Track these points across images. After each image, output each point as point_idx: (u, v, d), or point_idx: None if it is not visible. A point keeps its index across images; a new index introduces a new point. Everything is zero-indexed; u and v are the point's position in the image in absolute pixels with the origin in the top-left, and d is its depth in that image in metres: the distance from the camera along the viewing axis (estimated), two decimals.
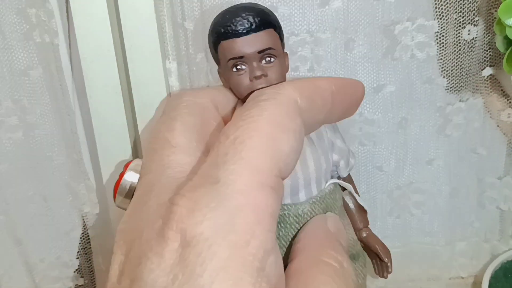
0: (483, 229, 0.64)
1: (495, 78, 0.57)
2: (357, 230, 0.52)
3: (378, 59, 0.55)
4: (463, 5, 0.53)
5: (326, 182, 0.48)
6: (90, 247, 0.60)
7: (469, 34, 0.54)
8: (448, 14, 0.54)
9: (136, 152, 0.56)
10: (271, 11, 0.46)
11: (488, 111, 0.59)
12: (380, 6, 0.53)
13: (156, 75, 0.52)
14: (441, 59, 0.56)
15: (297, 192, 0.46)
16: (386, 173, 0.60)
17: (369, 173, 0.60)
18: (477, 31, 0.54)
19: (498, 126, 0.59)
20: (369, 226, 0.54)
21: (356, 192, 0.52)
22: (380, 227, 0.63)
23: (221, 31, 0.44)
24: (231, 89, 0.46)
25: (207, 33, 0.51)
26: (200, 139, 0.37)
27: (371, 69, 0.56)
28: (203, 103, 0.42)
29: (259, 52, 0.43)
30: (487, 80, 0.57)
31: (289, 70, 0.48)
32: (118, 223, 0.56)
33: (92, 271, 0.62)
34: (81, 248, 0.61)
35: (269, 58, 0.44)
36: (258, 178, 0.30)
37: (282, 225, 0.45)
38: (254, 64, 0.44)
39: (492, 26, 0.54)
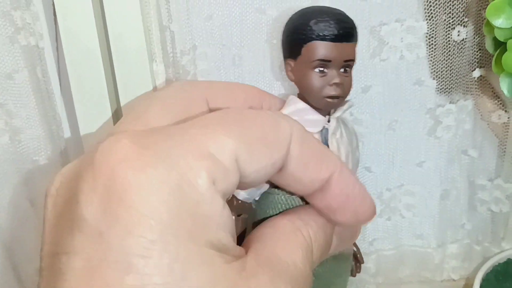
0: (474, 231, 0.63)
1: (486, 79, 0.57)
2: None
3: (366, 59, 0.55)
4: (453, 6, 0.53)
5: None
6: None
7: (458, 35, 0.54)
8: (437, 15, 0.53)
9: None
10: None
11: (479, 113, 0.58)
12: (367, 6, 0.53)
13: (142, 77, 0.52)
14: (431, 60, 0.56)
15: None
16: (375, 174, 0.60)
17: (358, 174, 0.60)
18: (466, 32, 0.54)
19: (488, 126, 0.59)
20: None
21: None
22: (371, 229, 0.63)
23: (319, 33, 0.45)
24: (297, 83, 0.47)
25: (195, 35, 0.51)
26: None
27: (358, 69, 0.55)
28: (191, 93, 0.39)
29: (345, 61, 0.46)
30: (478, 82, 0.56)
31: None
32: None
33: None
34: None
35: (348, 69, 0.47)
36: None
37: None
38: (335, 71, 0.46)
39: (482, 27, 0.53)
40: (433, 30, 0.54)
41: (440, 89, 0.57)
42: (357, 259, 0.56)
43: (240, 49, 0.54)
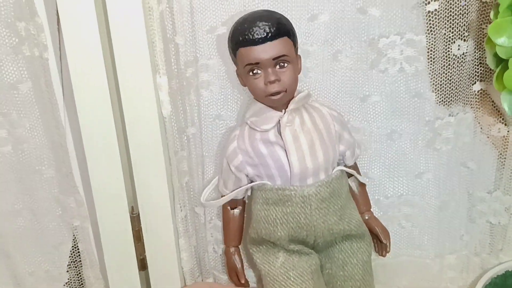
0: (473, 242, 0.64)
1: (486, 93, 0.57)
2: (360, 213, 0.57)
3: (364, 70, 0.56)
4: (453, 20, 0.53)
5: (333, 169, 0.53)
6: (80, 261, 0.60)
7: (459, 49, 0.55)
8: (437, 29, 0.54)
9: (126, 167, 0.56)
10: (286, 19, 0.49)
11: (479, 126, 0.59)
12: (366, 20, 0.53)
13: (146, 89, 0.52)
14: (431, 73, 0.56)
15: (306, 178, 0.51)
16: (372, 180, 0.61)
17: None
18: (467, 46, 0.54)
19: (488, 139, 0.60)
20: (371, 209, 0.59)
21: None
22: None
23: (239, 39, 0.48)
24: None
25: (198, 48, 0.52)
26: None
27: (356, 80, 0.56)
28: None
29: (274, 59, 0.48)
30: (478, 95, 0.57)
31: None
32: (108, 236, 0.57)
33: (82, 284, 0.61)
34: (71, 262, 0.60)
35: (283, 64, 0.49)
36: None
37: (289, 203, 0.52)
38: (269, 69, 0.48)
39: (483, 42, 0.54)
40: (433, 44, 0.55)
41: (440, 101, 0.57)
42: (379, 239, 0.58)
43: None
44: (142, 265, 0.59)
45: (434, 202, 0.61)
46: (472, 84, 0.56)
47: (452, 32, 0.54)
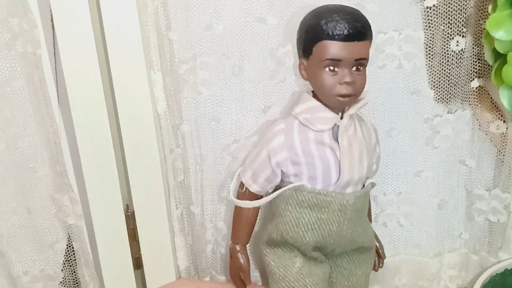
0: (472, 241, 0.63)
1: (484, 90, 0.57)
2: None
3: None
4: (452, 16, 0.53)
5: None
6: (75, 259, 0.60)
7: (457, 45, 0.54)
8: (436, 25, 0.53)
9: (121, 164, 0.55)
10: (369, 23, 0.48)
11: (478, 123, 0.58)
12: (364, 15, 0.53)
13: (140, 86, 0.52)
14: (429, 70, 0.55)
15: (348, 186, 0.50)
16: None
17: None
18: (465, 43, 0.54)
19: (487, 136, 0.59)
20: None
21: None
22: None
23: (327, 30, 0.45)
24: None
25: (195, 44, 0.51)
26: None
27: None
28: None
29: (356, 60, 0.46)
30: (476, 92, 0.56)
31: None
32: (103, 234, 0.56)
33: (77, 283, 0.61)
34: (66, 261, 0.60)
35: (361, 67, 0.47)
36: None
37: (326, 209, 0.50)
38: (346, 70, 0.47)
39: (481, 37, 0.53)
40: (431, 40, 0.54)
41: (438, 98, 0.57)
42: (379, 255, 0.58)
43: (240, 58, 0.54)
44: (138, 263, 0.59)
45: (433, 200, 0.61)
46: (471, 81, 0.56)
47: (451, 28, 0.53)
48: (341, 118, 0.49)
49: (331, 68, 0.46)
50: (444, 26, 0.53)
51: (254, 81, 0.55)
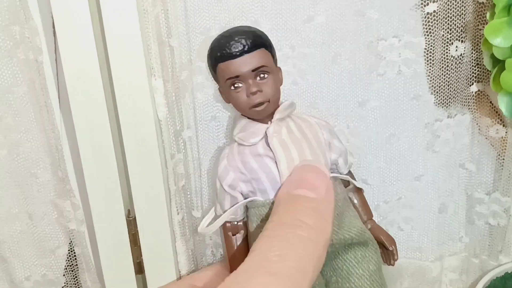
0: (472, 244, 0.64)
1: (484, 94, 0.57)
2: (362, 223, 0.55)
3: (362, 74, 0.55)
4: (451, 22, 0.53)
5: None
6: (76, 265, 0.60)
7: (456, 50, 0.54)
8: (435, 30, 0.54)
9: (122, 170, 0.55)
10: (262, 32, 0.50)
11: (477, 127, 0.59)
12: (364, 22, 0.53)
13: (141, 92, 0.52)
14: (429, 75, 0.56)
15: None
16: (371, 187, 0.60)
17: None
18: (464, 48, 0.54)
19: (487, 140, 0.59)
20: (372, 218, 0.57)
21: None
22: None
23: (218, 55, 0.48)
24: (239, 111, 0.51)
25: (192, 50, 0.51)
26: None
27: (355, 84, 0.56)
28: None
29: (253, 70, 0.48)
30: (475, 96, 0.57)
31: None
32: (105, 239, 0.57)
33: None
34: (67, 266, 0.60)
35: (263, 75, 0.49)
36: None
37: None
38: (250, 81, 0.48)
39: (480, 42, 0.53)
40: (431, 46, 0.54)
41: (438, 103, 0.57)
42: (385, 247, 0.55)
43: None
44: (139, 268, 0.59)
45: (433, 204, 0.61)
46: (470, 85, 0.56)
47: (450, 34, 0.54)
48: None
49: (235, 85, 0.49)
50: (443, 32, 0.53)
51: None
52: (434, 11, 0.53)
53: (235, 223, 0.54)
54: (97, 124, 0.53)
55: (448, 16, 0.53)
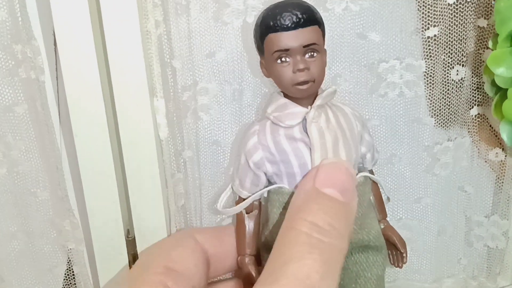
0: (470, 266, 0.64)
1: (484, 117, 0.57)
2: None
3: (363, 95, 0.56)
4: (452, 46, 0.53)
5: (356, 173, 0.50)
6: (75, 284, 0.60)
7: (457, 74, 0.55)
8: (436, 54, 0.54)
9: (122, 189, 0.55)
10: (316, 9, 0.48)
11: (477, 150, 0.59)
12: (366, 45, 0.53)
13: (143, 112, 0.52)
14: (429, 98, 0.56)
15: None
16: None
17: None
18: (465, 72, 0.54)
19: (486, 162, 0.60)
20: (387, 218, 0.56)
21: None
22: None
23: (270, 24, 0.46)
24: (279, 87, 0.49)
25: (196, 71, 0.51)
26: None
27: (356, 104, 0.56)
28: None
29: (304, 46, 0.46)
30: (475, 119, 0.57)
31: None
32: (103, 259, 0.56)
33: None
34: (66, 285, 0.60)
35: (312, 53, 0.47)
36: None
37: None
38: (298, 57, 0.47)
39: (480, 67, 0.54)
40: (431, 69, 0.55)
41: (438, 125, 0.57)
42: (397, 248, 0.54)
43: (240, 84, 0.54)
44: None
45: (432, 227, 0.61)
46: (470, 109, 0.56)
47: (451, 58, 0.54)
48: None
49: (282, 59, 0.47)
50: (444, 56, 0.54)
51: (252, 105, 0.56)
52: (435, 35, 0.53)
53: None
54: (98, 144, 0.52)
55: (449, 41, 0.53)
